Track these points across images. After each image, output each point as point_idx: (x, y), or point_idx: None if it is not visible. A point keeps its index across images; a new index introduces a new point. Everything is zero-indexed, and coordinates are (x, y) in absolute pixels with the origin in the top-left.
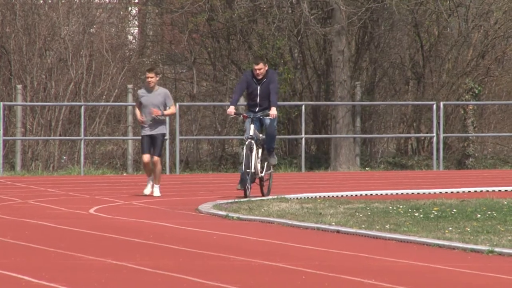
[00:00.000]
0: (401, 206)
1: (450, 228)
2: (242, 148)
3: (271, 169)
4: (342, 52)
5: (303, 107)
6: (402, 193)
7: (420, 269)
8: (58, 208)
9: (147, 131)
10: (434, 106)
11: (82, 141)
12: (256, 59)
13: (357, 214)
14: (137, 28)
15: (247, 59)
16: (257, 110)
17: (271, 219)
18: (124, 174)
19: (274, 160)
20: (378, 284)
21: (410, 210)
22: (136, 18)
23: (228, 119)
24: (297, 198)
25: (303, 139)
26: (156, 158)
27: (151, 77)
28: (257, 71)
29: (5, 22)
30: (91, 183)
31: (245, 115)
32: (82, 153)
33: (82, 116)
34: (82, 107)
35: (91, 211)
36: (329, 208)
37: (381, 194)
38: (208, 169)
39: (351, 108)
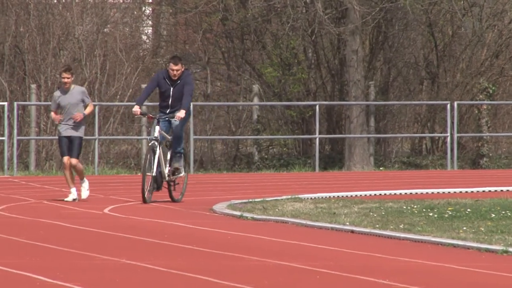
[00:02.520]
0: (415, 206)
1: (465, 228)
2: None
3: (183, 173)
4: (356, 52)
5: (317, 107)
6: (416, 193)
7: (434, 269)
8: (72, 208)
9: (64, 132)
10: (448, 106)
11: (97, 141)
12: (174, 59)
13: (371, 214)
14: (151, 28)
15: (261, 59)
16: (168, 111)
17: (285, 219)
18: (139, 173)
19: (178, 163)
20: (392, 284)
21: (424, 210)
22: (150, 17)
23: (243, 118)
24: (311, 198)
25: (317, 139)
26: (74, 160)
27: (68, 78)
28: (174, 72)
29: (19, 21)
30: (105, 183)
31: (150, 115)
32: (96, 153)
33: (96, 116)
34: (96, 107)
35: (106, 210)
36: (343, 208)
37: (395, 194)
38: (222, 169)
39: (365, 108)
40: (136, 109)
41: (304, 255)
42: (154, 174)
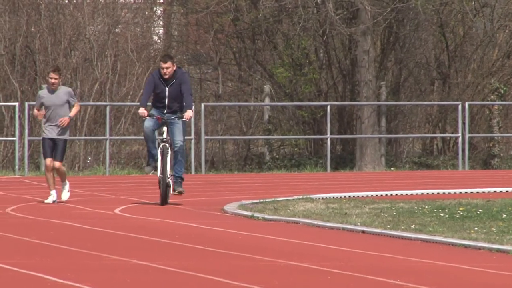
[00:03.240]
0: (426, 206)
1: (476, 228)
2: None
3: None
4: (367, 52)
5: (329, 107)
6: (427, 193)
7: (445, 269)
8: (83, 208)
9: (48, 134)
10: (460, 106)
11: (108, 141)
12: (164, 57)
13: (382, 214)
14: (162, 28)
15: (273, 59)
16: (165, 112)
17: (297, 219)
18: (150, 174)
19: (182, 188)
20: (403, 284)
21: (435, 210)
22: (161, 18)
23: (254, 118)
24: (322, 198)
25: (329, 139)
26: (58, 163)
27: (56, 78)
28: (164, 70)
29: (31, 22)
30: (116, 183)
31: (159, 117)
32: (107, 153)
33: (108, 116)
34: (108, 107)
35: (117, 211)
36: (355, 208)
37: (407, 194)
38: (234, 169)
39: (376, 108)
40: (143, 111)
41: (315, 255)
42: (168, 176)
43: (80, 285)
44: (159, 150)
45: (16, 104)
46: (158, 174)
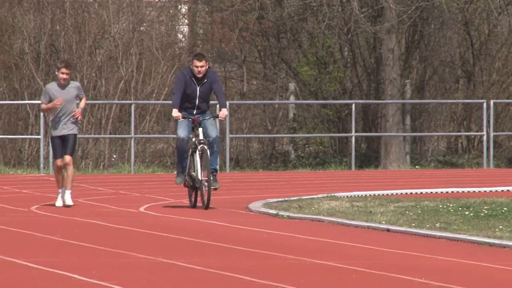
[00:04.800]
0: (451, 205)
1: (501, 227)
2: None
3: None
4: (392, 51)
5: (353, 105)
6: (452, 192)
7: (470, 268)
8: (108, 207)
9: (58, 132)
10: (484, 105)
11: (133, 139)
12: (198, 56)
13: (407, 212)
14: (187, 26)
15: (297, 57)
16: (194, 113)
17: (321, 217)
18: (175, 172)
19: (217, 183)
20: (428, 282)
21: (460, 208)
22: (186, 16)
23: (279, 117)
24: (347, 196)
25: (353, 137)
26: (68, 157)
27: (67, 74)
28: (199, 69)
29: (55, 20)
30: (141, 182)
31: (194, 118)
32: (132, 152)
33: (133, 114)
34: (133, 105)
35: (141, 209)
36: (379, 206)
37: (431, 193)
38: (258, 167)
39: (401, 107)
40: (178, 113)
41: (340, 253)
42: (199, 177)
43: (105, 283)
44: (197, 152)
45: (40, 102)
46: (197, 177)
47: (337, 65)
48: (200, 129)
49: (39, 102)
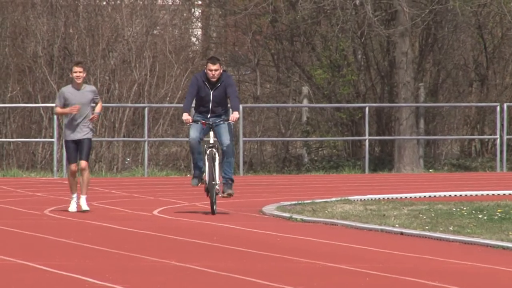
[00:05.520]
0: (464, 208)
1: None
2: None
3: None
4: (405, 54)
5: (367, 108)
6: (465, 195)
7: (483, 271)
8: (122, 210)
9: (73, 136)
10: (498, 108)
11: (146, 143)
12: (212, 59)
13: (421, 216)
14: (200, 29)
15: (311, 61)
16: (209, 116)
17: (335, 220)
18: (188, 175)
19: (231, 190)
20: (441, 285)
21: (473, 212)
22: (199, 19)
23: (292, 120)
24: (360, 199)
25: (367, 140)
26: (84, 163)
27: (80, 72)
28: (213, 72)
29: (69, 23)
30: (155, 185)
31: (203, 121)
32: (146, 155)
33: (146, 118)
34: (146, 109)
35: (155, 212)
36: (393, 209)
37: (445, 196)
38: (272, 171)
39: (414, 110)
40: (188, 117)
41: (353, 257)
42: (215, 182)
43: (118, 286)
44: (206, 156)
45: (55, 105)
46: (206, 182)
47: (351, 68)
48: (211, 133)
49: (52, 105)
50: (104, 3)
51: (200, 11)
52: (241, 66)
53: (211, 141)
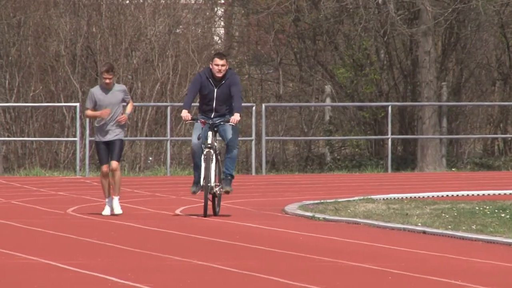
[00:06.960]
0: (487, 207)
1: None
2: (203, 157)
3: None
4: (428, 53)
5: (390, 107)
6: (488, 194)
7: (506, 270)
8: (144, 209)
9: (104, 138)
10: None
11: (169, 142)
12: (220, 54)
13: (444, 215)
14: (223, 28)
15: (334, 60)
16: (212, 116)
17: (357, 219)
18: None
19: (229, 187)
20: (464, 284)
21: (496, 210)
22: (222, 18)
23: (315, 119)
24: (383, 198)
25: (390, 139)
26: (115, 163)
27: (110, 78)
28: (219, 67)
29: (91, 22)
30: (177, 184)
31: (202, 120)
32: (168, 154)
33: (169, 117)
34: (168, 108)
35: (177, 211)
36: (416, 208)
37: (468, 195)
38: (294, 170)
39: (437, 109)
40: (186, 114)
41: (376, 256)
42: (212, 184)
43: (140, 285)
44: (202, 157)
45: (77, 104)
46: (201, 182)
47: (374, 67)
48: (210, 133)
49: (75, 104)
50: (127, 2)
51: (222, 10)
52: (263, 65)
53: (209, 141)
